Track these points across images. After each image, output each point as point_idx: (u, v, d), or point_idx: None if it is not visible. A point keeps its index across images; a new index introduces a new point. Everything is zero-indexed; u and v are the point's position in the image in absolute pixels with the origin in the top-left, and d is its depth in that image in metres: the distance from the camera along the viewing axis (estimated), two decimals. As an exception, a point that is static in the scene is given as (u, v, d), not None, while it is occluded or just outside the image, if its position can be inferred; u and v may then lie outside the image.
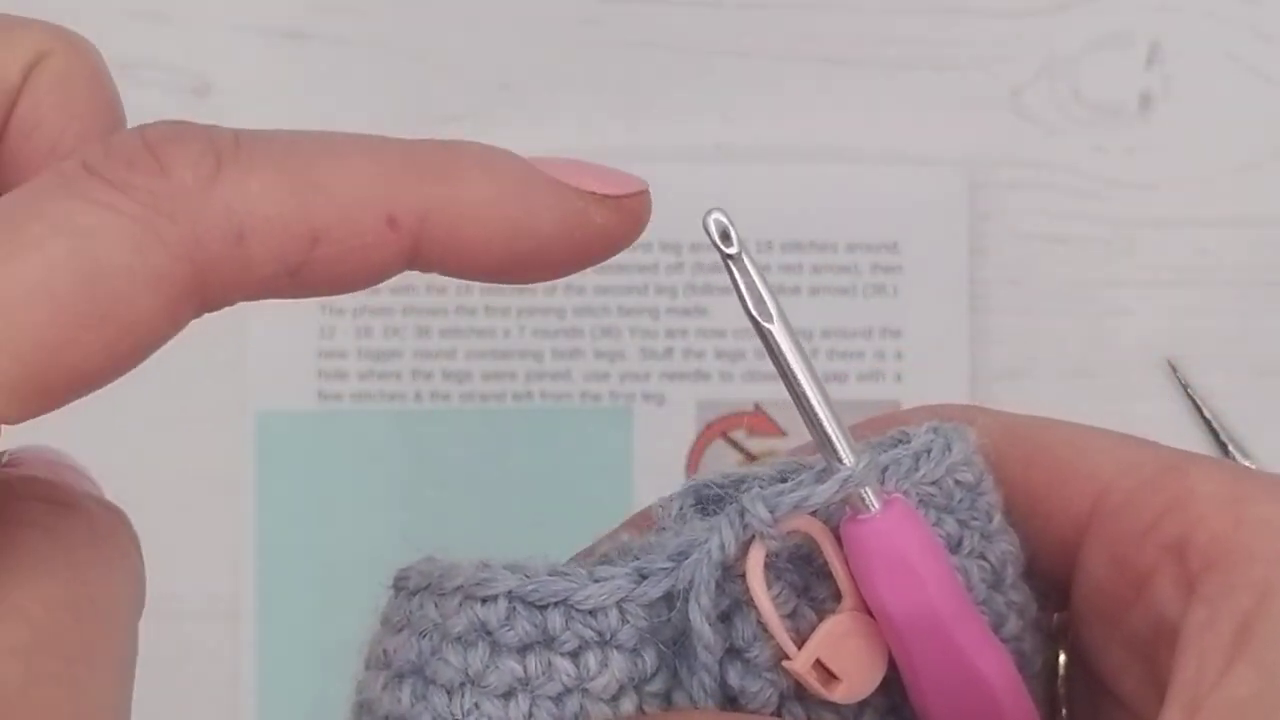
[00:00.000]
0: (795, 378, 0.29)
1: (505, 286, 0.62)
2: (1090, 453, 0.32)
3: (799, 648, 0.30)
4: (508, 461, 0.61)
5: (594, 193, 0.27)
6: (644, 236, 0.28)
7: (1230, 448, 0.61)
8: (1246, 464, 0.60)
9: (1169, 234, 0.63)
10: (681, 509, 0.32)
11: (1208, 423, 0.61)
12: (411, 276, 0.29)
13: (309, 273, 0.26)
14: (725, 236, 0.30)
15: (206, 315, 0.28)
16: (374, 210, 0.25)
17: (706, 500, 0.33)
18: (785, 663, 0.30)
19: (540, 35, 0.63)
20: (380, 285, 0.69)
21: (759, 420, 0.61)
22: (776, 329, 0.29)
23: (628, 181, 0.28)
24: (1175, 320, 0.62)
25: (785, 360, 0.29)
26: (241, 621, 0.60)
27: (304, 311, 0.61)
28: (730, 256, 0.30)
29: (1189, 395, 0.62)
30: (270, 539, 0.60)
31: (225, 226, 0.24)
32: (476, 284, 0.63)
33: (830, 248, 0.62)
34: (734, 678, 0.30)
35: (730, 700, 0.30)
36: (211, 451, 0.61)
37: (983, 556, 0.32)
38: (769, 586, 0.30)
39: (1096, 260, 0.63)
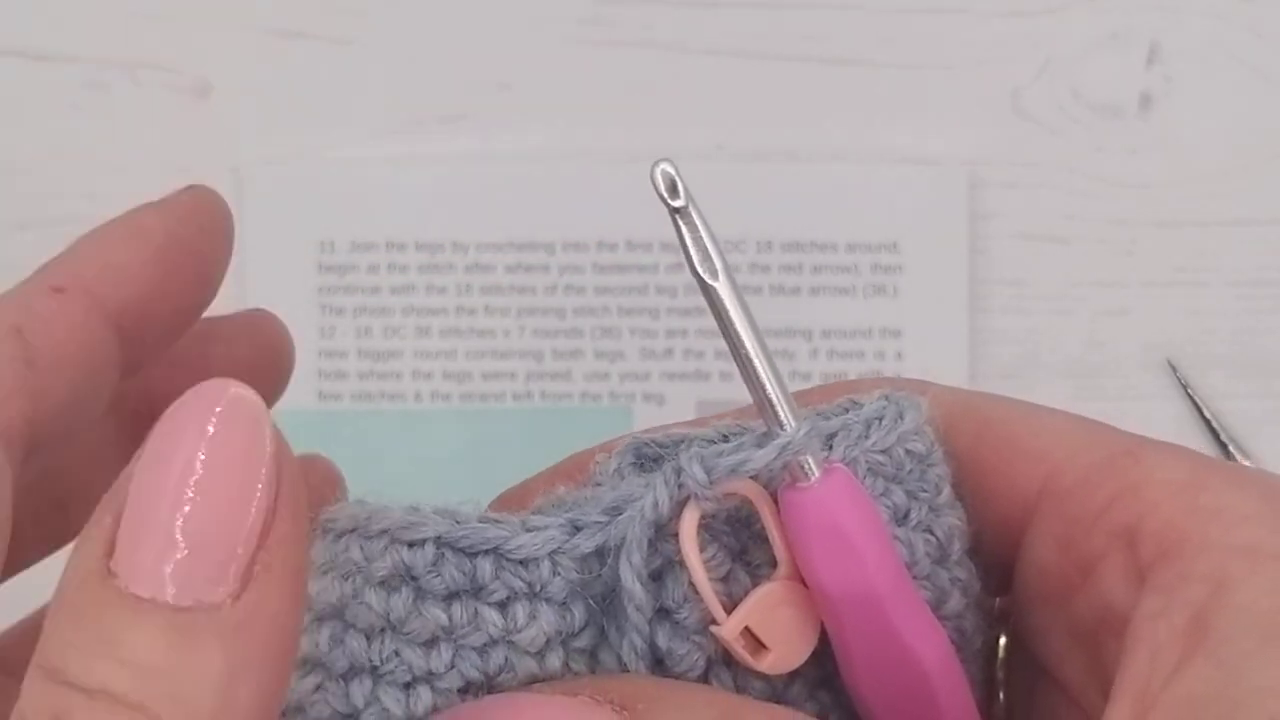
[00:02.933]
0: (739, 339, 0.28)
1: (505, 286, 0.62)
2: (1043, 432, 0.31)
3: (729, 613, 0.29)
4: (508, 461, 0.61)
5: None
6: (644, 236, 0.28)
7: (1230, 448, 0.61)
8: (1245, 464, 0.60)
9: (1169, 234, 0.63)
10: (620, 466, 0.32)
11: (1207, 423, 0.61)
12: (411, 276, 0.29)
13: None
14: (673, 189, 0.29)
15: (205, 314, 0.28)
16: None
17: (646, 459, 0.32)
18: (713, 628, 0.29)
19: (540, 35, 0.63)
20: (380, 285, 0.69)
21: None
22: (721, 287, 0.28)
23: None
24: (1175, 320, 0.62)
25: (729, 320, 0.28)
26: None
27: (304, 311, 0.61)
28: (677, 210, 0.29)
29: (1189, 395, 0.62)
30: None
31: None
32: (476, 283, 0.63)
33: (830, 248, 0.62)
34: (662, 639, 0.29)
35: (658, 662, 0.29)
36: (211, 451, 0.61)
37: (929, 530, 0.31)
38: (703, 549, 0.29)
39: (1096, 260, 0.63)
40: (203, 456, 0.24)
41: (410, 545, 0.29)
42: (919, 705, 0.29)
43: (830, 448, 0.29)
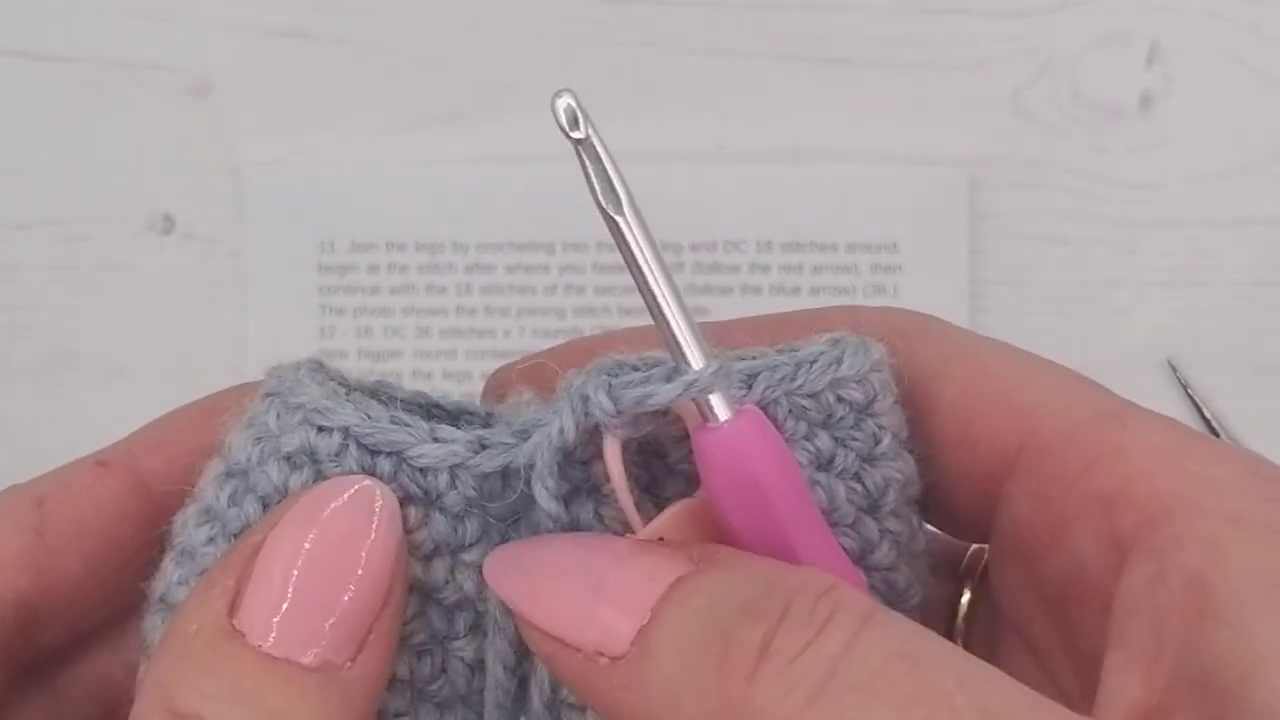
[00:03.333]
0: (644, 273, 0.28)
1: (505, 286, 0.62)
2: (1032, 385, 0.30)
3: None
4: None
5: None
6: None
7: (1230, 448, 0.61)
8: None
9: (1169, 234, 0.63)
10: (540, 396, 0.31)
11: (1207, 422, 0.61)
12: (412, 276, 0.29)
13: None
14: (574, 122, 0.29)
15: (205, 315, 0.28)
16: None
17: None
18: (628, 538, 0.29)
19: (540, 35, 0.63)
20: (380, 285, 0.69)
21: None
22: (627, 218, 0.28)
23: None
24: (1175, 320, 0.62)
25: (634, 255, 0.28)
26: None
27: (304, 311, 0.61)
28: (579, 142, 0.28)
29: (1189, 395, 0.62)
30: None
31: None
32: (476, 283, 0.63)
33: (830, 248, 0.62)
34: None
35: None
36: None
37: (858, 478, 0.30)
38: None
39: (1096, 260, 0.63)
40: (346, 538, 0.27)
41: (320, 430, 0.29)
42: None
43: (749, 388, 0.29)
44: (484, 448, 0.29)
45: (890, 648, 0.24)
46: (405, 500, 0.29)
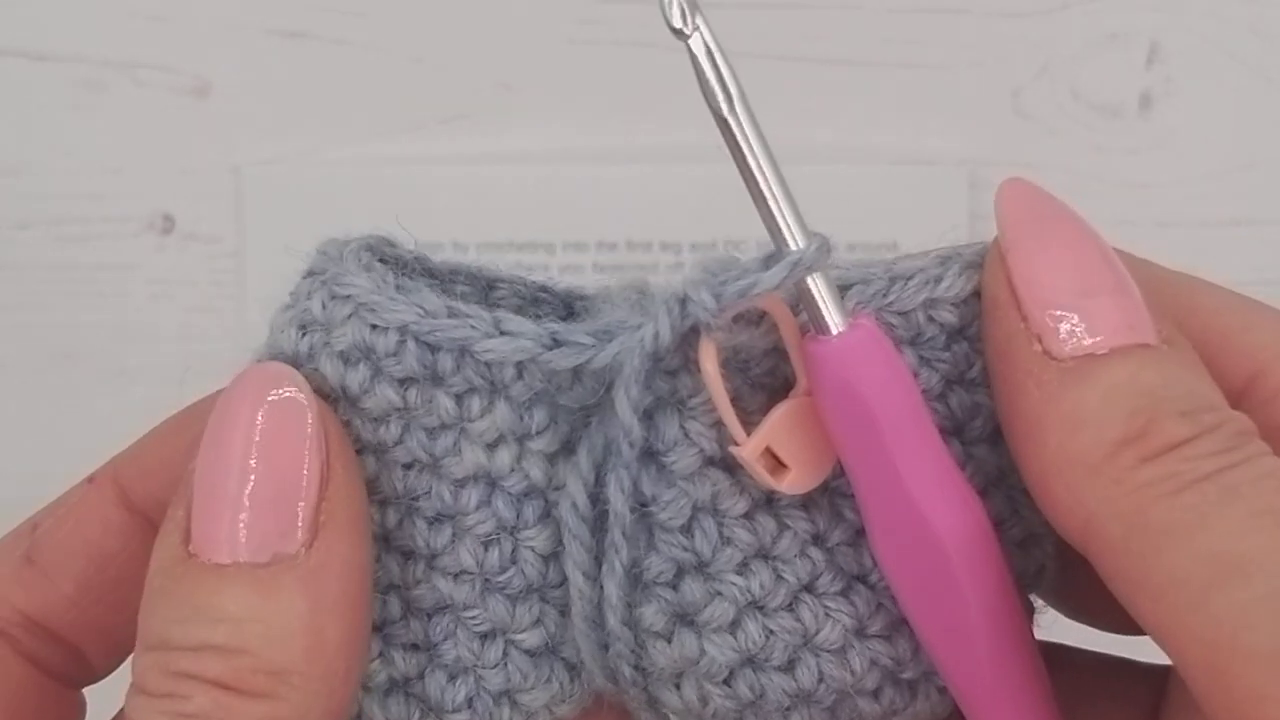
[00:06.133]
0: (745, 154, 0.27)
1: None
2: (1255, 328, 0.30)
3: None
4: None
5: None
6: (644, 236, 0.28)
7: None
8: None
9: (1169, 234, 0.63)
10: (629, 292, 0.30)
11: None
12: (411, 276, 0.29)
13: None
14: (682, 17, 0.28)
15: (205, 315, 0.29)
16: None
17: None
18: (733, 448, 0.28)
19: (540, 35, 0.63)
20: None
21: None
22: (737, 111, 0.28)
23: None
24: (1175, 320, 0.62)
25: (738, 138, 0.27)
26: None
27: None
28: (686, 38, 0.28)
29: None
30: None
31: None
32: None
33: (830, 248, 0.62)
34: (647, 484, 0.28)
35: (641, 506, 0.29)
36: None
37: (942, 399, 0.29)
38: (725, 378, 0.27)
39: (1096, 260, 0.62)
40: (258, 436, 0.27)
41: (374, 328, 0.28)
42: (939, 585, 0.28)
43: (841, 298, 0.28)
44: (557, 344, 0.28)
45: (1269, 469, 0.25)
46: (469, 391, 0.28)
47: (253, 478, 0.27)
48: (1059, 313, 0.27)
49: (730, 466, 0.29)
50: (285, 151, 0.62)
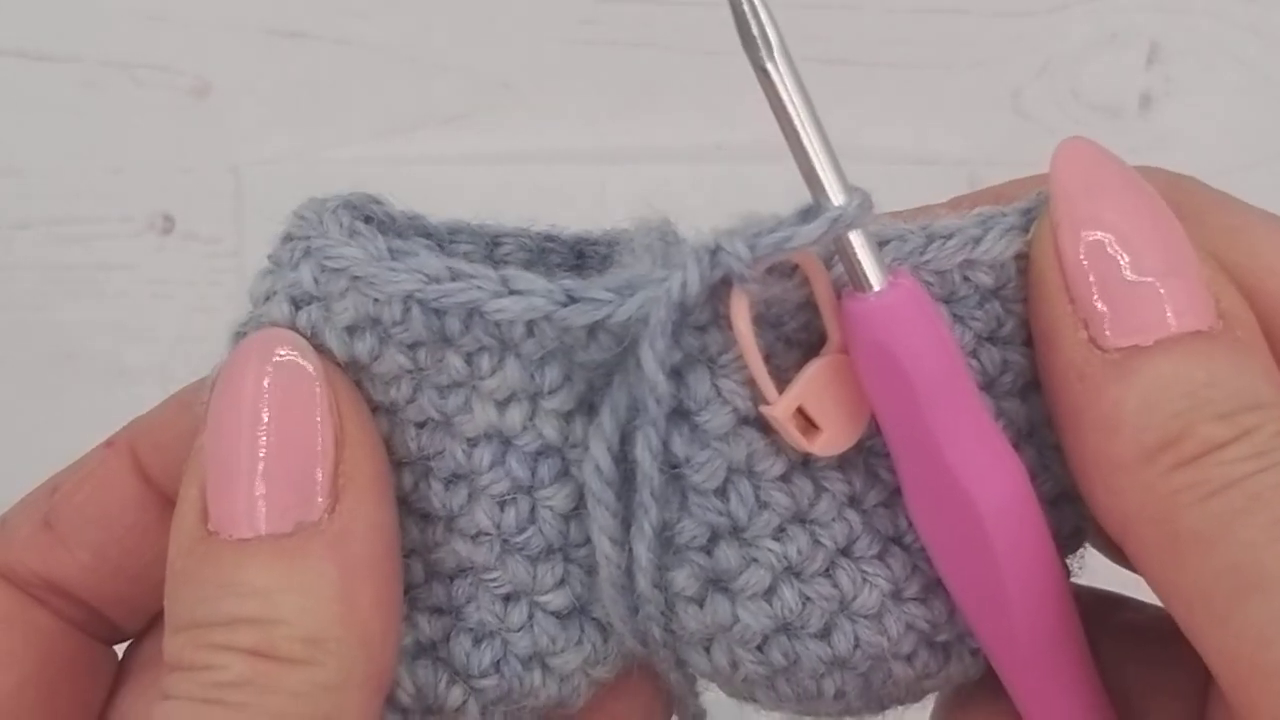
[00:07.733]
0: (788, 109, 0.27)
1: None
2: None
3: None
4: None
5: None
6: (644, 236, 0.28)
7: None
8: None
9: (1169, 234, 0.63)
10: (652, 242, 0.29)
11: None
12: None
13: None
14: None
15: (205, 315, 0.28)
16: None
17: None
18: (763, 408, 0.27)
19: (540, 35, 0.63)
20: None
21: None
22: (776, 60, 0.28)
23: None
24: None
25: (779, 90, 0.27)
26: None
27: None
28: None
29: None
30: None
31: None
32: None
33: (830, 248, 0.62)
34: (679, 445, 0.27)
35: (672, 467, 0.27)
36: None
37: (974, 355, 0.28)
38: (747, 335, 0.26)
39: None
40: (265, 404, 0.27)
41: (376, 300, 0.27)
42: (974, 553, 0.27)
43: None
44: (572, 300, 0.27)
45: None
46: (480, 350, 0.27)
47: (264, 448, 0.26)
48: (1106, 299, 0.26)
49: (766, 426, 0.28)
50: (285, 151, 0.62)
